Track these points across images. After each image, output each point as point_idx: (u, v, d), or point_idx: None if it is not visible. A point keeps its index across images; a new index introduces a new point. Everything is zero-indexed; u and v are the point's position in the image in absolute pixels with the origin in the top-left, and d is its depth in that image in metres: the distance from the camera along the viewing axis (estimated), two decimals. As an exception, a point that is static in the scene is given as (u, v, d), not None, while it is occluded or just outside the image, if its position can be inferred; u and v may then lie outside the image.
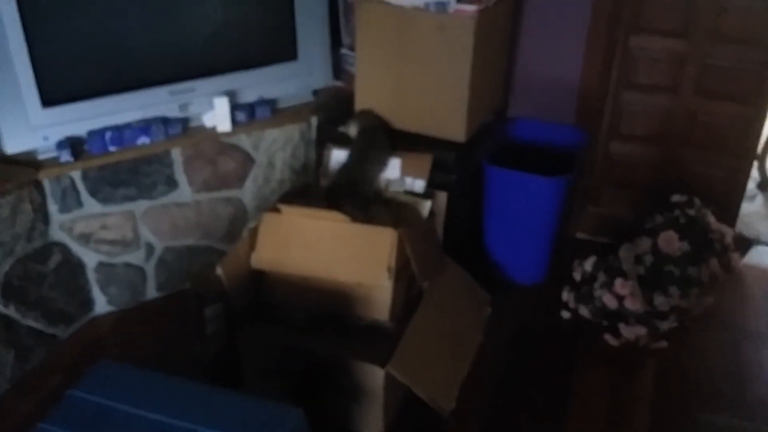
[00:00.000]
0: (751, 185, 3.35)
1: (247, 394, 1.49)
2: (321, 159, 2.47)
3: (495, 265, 2.70)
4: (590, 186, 2.93)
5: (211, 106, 2.44)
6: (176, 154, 2.43)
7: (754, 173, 3.36)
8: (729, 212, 2.79)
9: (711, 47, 2.57)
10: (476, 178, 2.59)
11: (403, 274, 2.08)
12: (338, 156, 2.41)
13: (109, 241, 2.43)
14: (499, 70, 2.65)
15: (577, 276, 2.54)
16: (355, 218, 2.06)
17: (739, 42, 2.54)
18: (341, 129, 2.45)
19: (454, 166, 2.37)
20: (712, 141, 2.71)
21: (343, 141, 2.41)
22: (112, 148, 2.32)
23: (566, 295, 2.54)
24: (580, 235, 3.00)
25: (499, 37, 2.50)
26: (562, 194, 2.53)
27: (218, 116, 2.44)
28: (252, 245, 2.14)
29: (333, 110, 2.60)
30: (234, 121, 2.48)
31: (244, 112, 2.50)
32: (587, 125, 2.74)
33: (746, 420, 2.09)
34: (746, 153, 2.71)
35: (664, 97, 2.70)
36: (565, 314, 2.51)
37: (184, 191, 2.50)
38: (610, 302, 2.39)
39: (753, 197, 3.33)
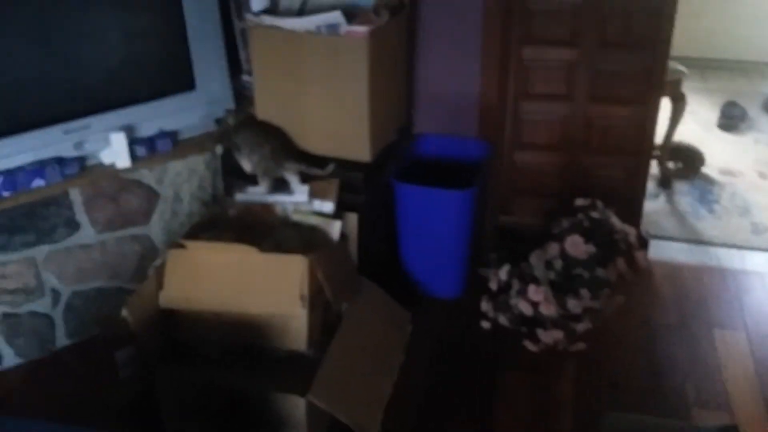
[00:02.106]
0: (653, 184, 3.50)
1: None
2: (228, 188, 2.43)
3: (413, 281, 2.72)
4: (499, 196, 2.99)
5: (108, 142, 2.36)
6: (75, 195, 2.34)
7: (656, 172, 3.52)
8: (633, 211, 2.90)
9: (599, 53, 2.68)
10: (386, 195, 2.61)
11: (318, 300, 2.07)
12: (240, 183, 2.38)
13: (11, 290, 2.31)
14: (399, 88, 2.68)
15: (493, 285, 2.58)
16: (263, 248, 2.03)
17: (623, 46, 2.65)
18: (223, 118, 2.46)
19: (362, 186, 2.38)
20: (610, 143, 2.81)
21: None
22: (4, 193, 2.21)
23: (485, 306, 2.57)
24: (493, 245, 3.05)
25: (395, 54, 2.53)
26: (470, 206, 2.57)
27: (116, 152, 2.37)
28: (159, 283, 2.08)
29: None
30: (134, 156, 2.41)
31: (144, 146, 2.44)
32: (490, 137, 2.80)
33: (664, 414, 2.16)
34: (642, 152, 2.82)
35: (560, 105, 2.79)
36: (485, 324, 2.54)
37: (87, 232, 2.40)
38: (526, 309, 2.44)
39: (656, 195, 3.47)
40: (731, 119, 4.17)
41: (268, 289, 2.01)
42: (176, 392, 2.04)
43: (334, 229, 2.26)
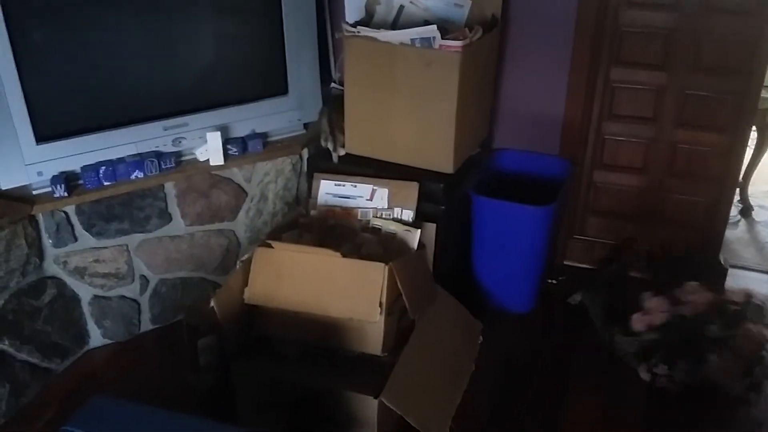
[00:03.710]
0: (734, 212, 3.42)
1: (239, 427, 1.51)
2: (311, 190, 2.52)
3: (485, 293, 2.74)
4: (575, 215, 2.99)
5: (204, 140, 2.48)
6: (169, 188, 2.47)
7: (736, 199, 3.44)
8: (712, 240, 2.85)
9: (689, 78, 2.65)
10: (464, 208, 2.64)
11: (395, 306, 2.12)
12: (326, 186, 2.46)
13: (104, 274, 2.45)
14: (485, 103, 2.72)
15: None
16: (344, 253, 2.10)
17: (716, 72, 2.62)
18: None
19: (442, 196, 2.42)
20: (694, 170, 2.77)
21: (331, 171, 2.47)
22: (105, 183, 2.35)
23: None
24: (567, 262, 3.05)
25: (484, 70, 2.57)
26: (547, 223, 2.59)
27: (211, 150, 2.48)
28: (245, 278, 2.17)
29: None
30: (226, 155, 2.52)
31: (237, 146, 2.55)
32: (571, 155, 2.80)
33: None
34: (727, 181, 2.77)
35: (645, 128, 2.77)
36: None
37: (178, 224, 2.53)
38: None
39: (736, 223, 3.40)
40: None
41: (348, 293, 2.07)
42: (251, 384, 2.13)
43: (414, 237, 2.31)
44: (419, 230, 2.33)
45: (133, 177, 2.39)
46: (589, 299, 2.68)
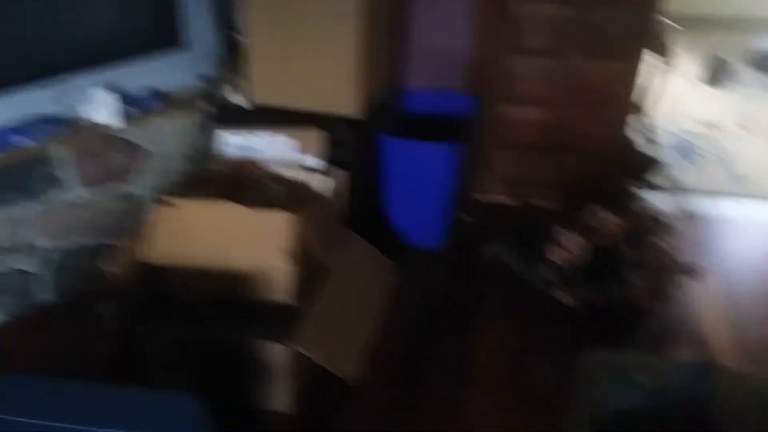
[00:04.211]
0: (640, 137, 3.52)
1: (144, 389, 1.47)
2: (214, 145, 2.43)
3: (399, 233, 2.75)
4: (486, 150, 3.01)
5: (95, 100, 2.35)
6: (62, 153, 2.33)
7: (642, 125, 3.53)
8: (614, 164, 2.93)
9: (590, 8, 2.67)
10: (376, 151, 2.62)
11: (303, 253, 2.09)
12: (231, 140, 2.38)
13: (-4, 248, 2.32)
14: (390, 43, 2.67)
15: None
16: (250, 205, 2.05)
17: (614, 3, 2.64)
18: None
19: (352, 141, 2.38)
20: (598, 99, 2.83)
21: (235, 123, 2.38)
22: (-11, 152, 2.20)
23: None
24: (479, 197, 3.09)
25: (386, 8, 2.51)
26: (456, 160, 2.59)
27: (104, 110, 2.35)
28: (147, 240, 2.09)
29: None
30: (122, 114, 2.39)
31: (133, 105, 2.41)
32: (479, 91, 2.80)
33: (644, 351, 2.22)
34: (628, 106, 2.84)
35: (549, 60, 2.79)
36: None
37: (74, 190, 2.40)
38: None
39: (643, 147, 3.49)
40: (716, 73, 4.19)
41: (255, 244, 2.03)
42: (158, 345, 2.07)
43: (323, 184, 2.27)
44: (329, 177, 2.29)
45: (20, 143, 2.24)
46: (502, 250, 2.70)
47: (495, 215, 2.98)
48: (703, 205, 3.02)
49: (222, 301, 2.11)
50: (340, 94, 2.35)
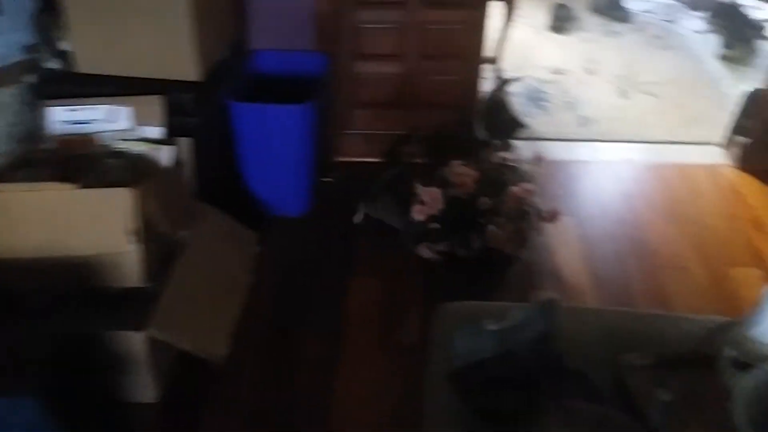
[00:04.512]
0: (491, 85, 3.59)
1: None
2: (41, 121, 2.22)
3: (259, 202, 2.66)
4: (342, 109, 2.95)
5: None
6: None
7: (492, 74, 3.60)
8: (468, 115, 2.97)
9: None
10: (223, 117, 2.49)
11: (151, 231, 1.96)
12: (60, 114, 2.18)
13: None
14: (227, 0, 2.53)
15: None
16: (84, 184, 1.88)
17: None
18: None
19: (193, 107, 2.25)
20: (445, 49, 2.83)
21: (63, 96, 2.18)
22: None
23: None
24: (340, 158, 3.04)
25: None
26: (310, 121, 2.52)
27: None
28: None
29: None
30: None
31: (-63, 81, 2.15)
32: (328, 49, 2.72)
33: (503, 298, 2.27)
34: (475, 56, 2.86)
35: (394, 12, 2.75)
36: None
37: None
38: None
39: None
40: (560, 21, 4.34)
41: (94, 227, 1.88)
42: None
43: (164, 155, 2.13)
44: (170, 147, 2.16)
45: None
46: (372, 210, 2.66)
47: (358, 175, 2.93)
48: (554, 149, 3.13)
49: (65, 293, 1.95)
50: (176, 56, 2.20)
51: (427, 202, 2.40)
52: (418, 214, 2.43)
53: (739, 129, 3.03)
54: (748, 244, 2.57)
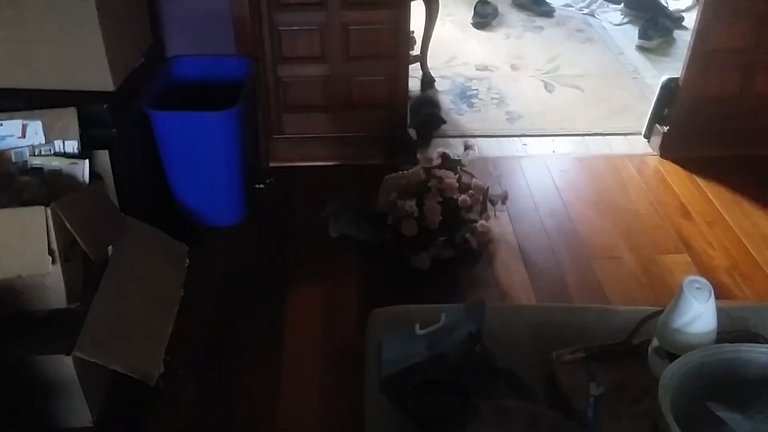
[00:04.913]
0: (417, 85, 3.60)
1: None
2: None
3: (190, 213, 2.58)
4: (270, 114, 2.91)
5: None
6: None
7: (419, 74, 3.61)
8: (397, 115, 2.97)
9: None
10: (144, 127, 2.41)
11: (73, 249, 1.88)
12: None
13: None
14: (139, 5, 2.45)
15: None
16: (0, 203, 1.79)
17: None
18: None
19: (109, 118, 2.17)
20: (368, 50, 2.81)
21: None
22: None
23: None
24: (273, 164, 2.99)
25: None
26: (235, 127, 2.46)
27: None
28: None
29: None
30: None
31: None
32: (249, 53, 2.67)
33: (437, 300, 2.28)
34: (400, 56, 2.86)
35: (314, 13, 2.72)
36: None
37: None
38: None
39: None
40: (484, 17, 4.39)
41: (11, 248, 1.79)
42: None
43: (81, 170, 2.05)
44: (87, 160, 2.07)
45: None
46: (337, 227, 2.57)
47: (292, 180, 2.90)
48: (485, 146, 3.16)
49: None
50: (87, 66, 2.11)
51: (427, 216, 2.39)
52: (410, 230, 2.40)
53: (658, 118, 3.13)
54: (677, 231, 2.65)
